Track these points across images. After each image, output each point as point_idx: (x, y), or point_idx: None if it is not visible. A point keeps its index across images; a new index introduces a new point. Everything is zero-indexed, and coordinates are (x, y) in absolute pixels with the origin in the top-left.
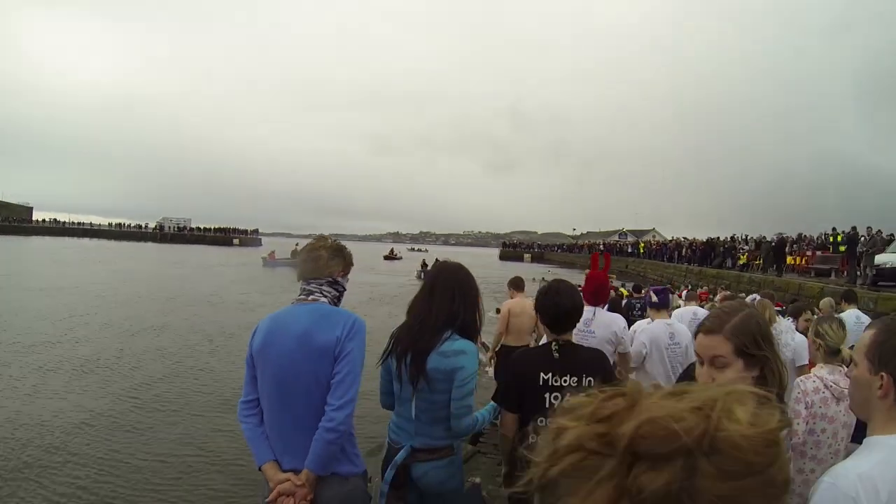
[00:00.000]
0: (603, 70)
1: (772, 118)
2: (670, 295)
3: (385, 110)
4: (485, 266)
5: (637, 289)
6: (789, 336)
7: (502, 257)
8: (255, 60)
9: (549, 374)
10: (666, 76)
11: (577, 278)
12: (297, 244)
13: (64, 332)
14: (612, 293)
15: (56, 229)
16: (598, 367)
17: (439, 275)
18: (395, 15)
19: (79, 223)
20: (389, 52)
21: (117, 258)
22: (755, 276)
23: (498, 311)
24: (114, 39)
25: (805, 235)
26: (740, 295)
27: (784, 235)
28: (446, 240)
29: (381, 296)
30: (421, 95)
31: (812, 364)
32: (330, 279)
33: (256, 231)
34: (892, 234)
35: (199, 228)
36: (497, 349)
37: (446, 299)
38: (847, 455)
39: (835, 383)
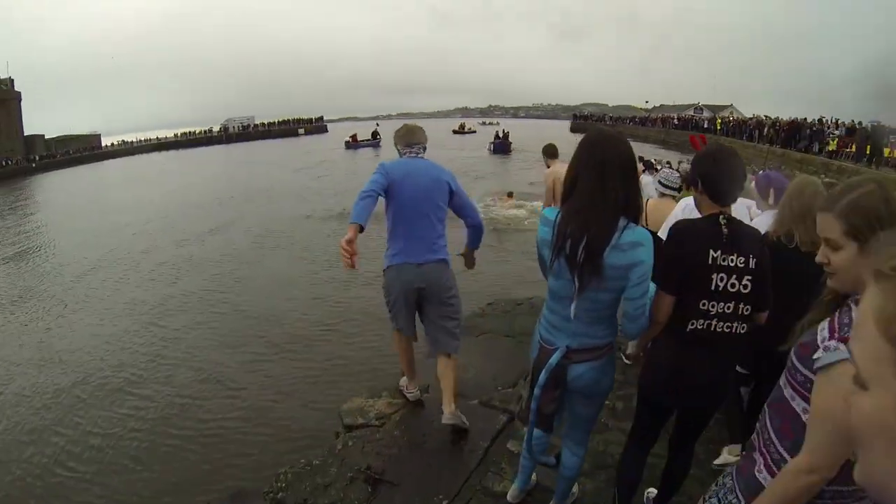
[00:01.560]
0: None
1: None
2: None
3: None
4: (555, 139)
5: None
6: None
7: (573, 130)
8: None
9: (718, 252)
10: None
11: (651, 152)
12: (377, 124)
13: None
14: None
15: (125, 150)
16: (760, 247)
17: (607, 149)
18: None
19: (146, 140)
20: None
21: (185, 166)
22: (846, 164)
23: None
24: None
25: None
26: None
27: (880, 123)
28: (515, 112)
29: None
30: None
31: None
32: (423, 145)
33: (321, 119)
34: None
35: (262, 124)
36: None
37: (618, 179)
38: None
39: None
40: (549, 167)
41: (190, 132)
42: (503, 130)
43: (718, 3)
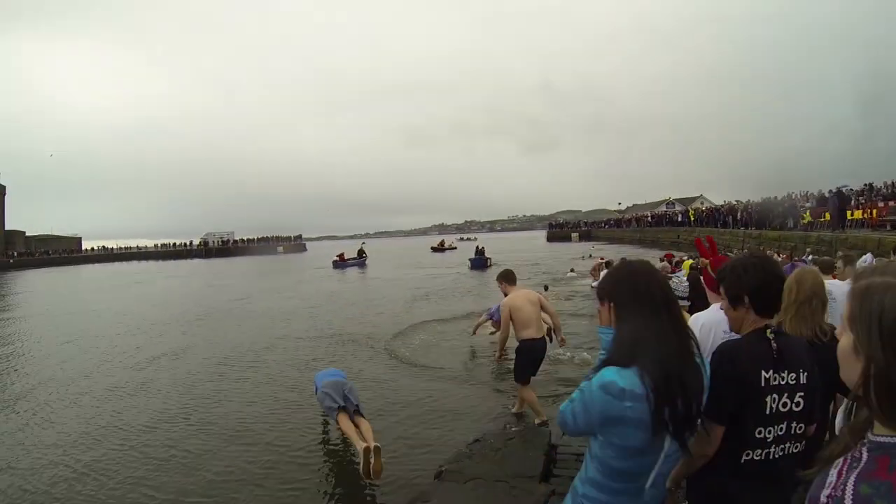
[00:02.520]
0: (634, 37)
1: (813, 72)
2: None
3: (415, 100)
4: (532, 250)
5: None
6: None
7: (549, 238)
8: (274, 63)
9: (770, 372)
10: (701, 40)
11: (625, 252)
12: (363, 243)
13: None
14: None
15: (105, 256)
16: (810, 358)
17: (653, 280)
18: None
19: (126, 247)
20: (412, 39)
21: (170, 278)
22: (824, 234)
23: (546, 288)
24: (131, 64)
25: (872, 185)
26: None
27: (844, 188)
28: (492, 226)
29: (433, 289)
30: (449, 81)
31: None
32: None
33: (300, 237)
34: None
35: (242, 240)
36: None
37: (677, 312)
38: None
39: None
40: (506, 294)
41: (170, 244)
42: (478, 246)
43: (676, 100)
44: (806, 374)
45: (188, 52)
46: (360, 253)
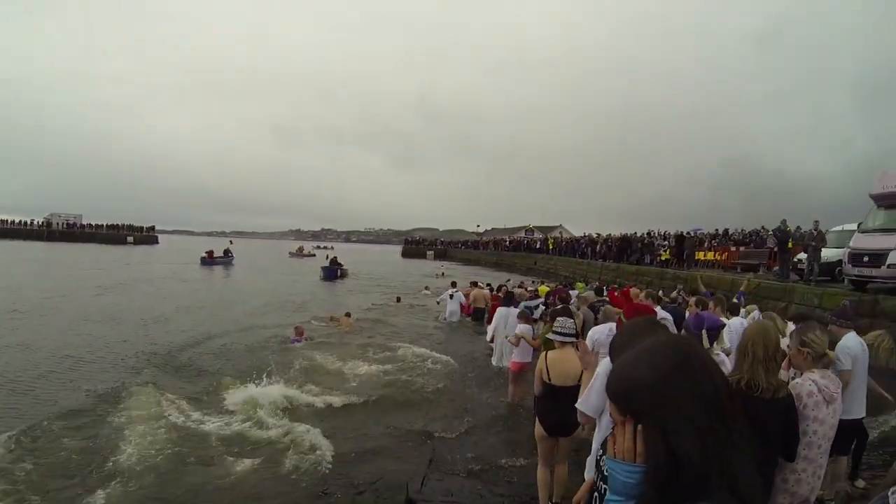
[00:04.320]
0: (513, 68)
1: (682, 120)
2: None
3: (290, 99)
4: (387, 264)
5: (599, 291)
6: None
7: (405, 255)
8: (153, 41)
9: None
10: (577, 76)
11: (482, 275)
12: (231, 241)
13: None
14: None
15: None
16: None
17: (706, 369)
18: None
19: None
20: (296, 36)
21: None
22: (679, 271)
23: (398, 300)
24: None
25: (727, 231)
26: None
27: (694, 232)
28: (347, 237)
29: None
30: (327, 84)
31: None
32: None
33: (153, 228)
34: (819, 231)
35: (90, 225)
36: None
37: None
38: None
39: (825, 387)
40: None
41: (7, 220)
42: (329, 256)
43: (545, 130)
44: None
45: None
46: (227, 252)
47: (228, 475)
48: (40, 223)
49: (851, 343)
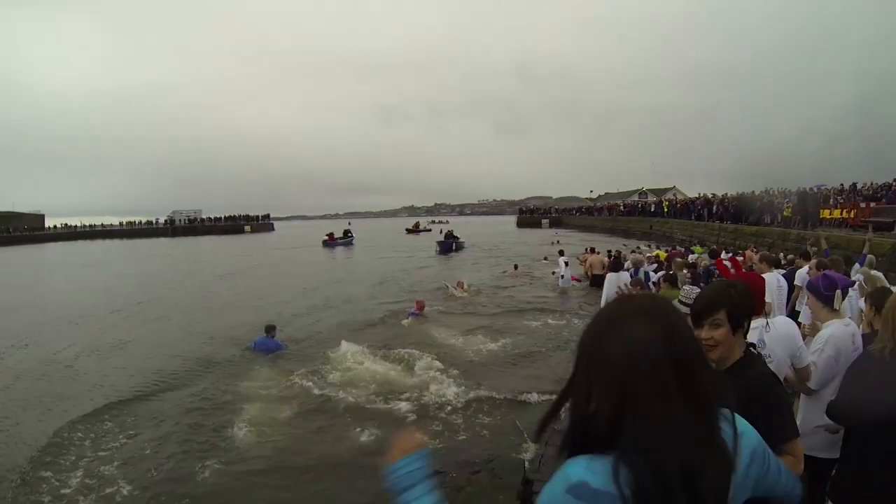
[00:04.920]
0: (614, 21)
1: (793, 68)
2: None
3: (389, 79)
4: (503, 234)
5: (714, 254)
6: None
7: (520, 224)
8: (249, 37)
9: None
10: (681, 28)
11: (596, 241)
12: (349, 223)
13: None
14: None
15: (68, 234)
16: None
17: (680, 332)
18: None
19: (90, 225)
20: (388, 17)
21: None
22: (805, 231)
23: (516, 267)
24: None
25: (855, 185)
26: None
27: (818, 188)
28: (461, 210)
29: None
30: (425, 60)
31: None
32: None
33: (268, 216)
34: None
35: (209, 219)
36: None
37: (706, 368)
38: None
39: None
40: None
41: (135, 221)
42: (444, 230)
43: (653, 91)
44: None
45: (156, 21)
46: (346, 233)
47: (348, 446)
48: (164, 221)
49: None
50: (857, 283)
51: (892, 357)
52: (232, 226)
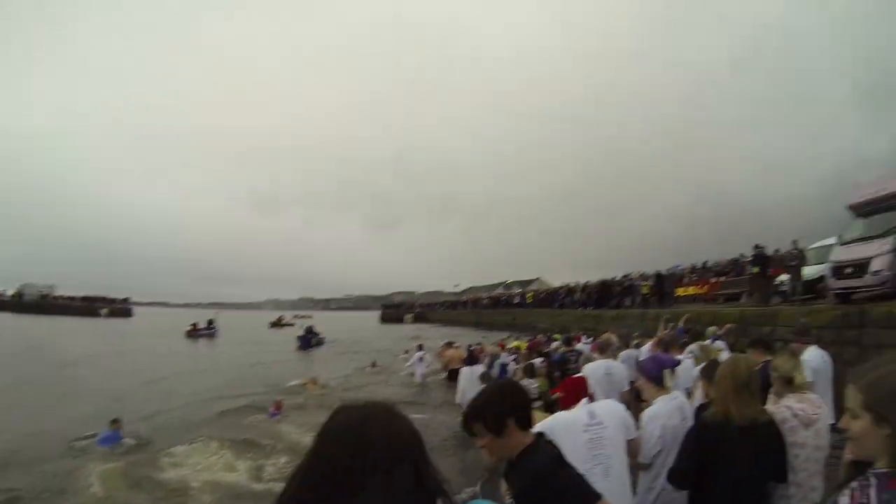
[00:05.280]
0: (485, 122)
1: (656, 160)
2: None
3: (267, 166)
4: (366, 329)
5: (568, 341)
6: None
7: (383, 319)
8: (126, 107)
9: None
10: (549, 122)
11: (459, 335)
12: (216, 313)
13: None
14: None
15: None
16: None
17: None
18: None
19: None
20: (270, 104)
21: None
22: (661, 310)
23: (374, 364)
24: None
25: (706, 263)
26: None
27: (673, 269)
28: (326, 305)
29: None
30: (299, 148)
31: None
32: None
33: (126, 300)
34: (799, 249)
35: (63, 297)
36: None
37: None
38: (825, 477)
39: (802, 411)
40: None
41: None
42: (305, 326)
43: (518, 187)
44: None
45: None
46: (210, 324)
47: None
48: (13, 294)
49: (811, 356)
50: (693, 355)
51: (724, 421)
52: (87, 307)
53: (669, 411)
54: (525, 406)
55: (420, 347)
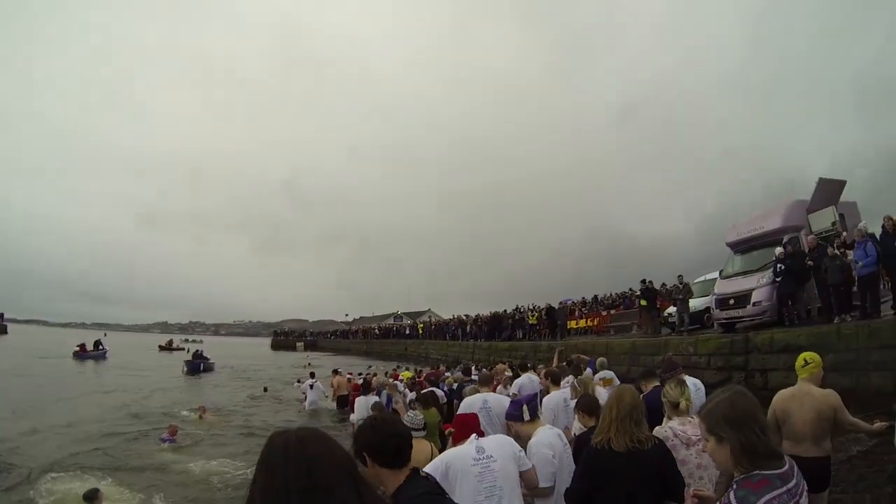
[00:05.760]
0: (385, 149)
1: (548, 198)
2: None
3: (154, 180)
4: (257, 356)
5: (467, 371)
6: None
7: (274, 347)
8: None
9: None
10: (446, 157)
11: (352, 364)
12: (105, 334)
13: None
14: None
15: None
16: None
17: (312, 445)
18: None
19: None
20: (160, 117)
21: None
22: (553, 342)
23: (265, 390)
24: None
25: (597, 297)
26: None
27: (564, 302)
28: (217, 330)
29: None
30: (192, 164)
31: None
32: None
33: (1, 316)
34: (685, 283)
35: None
36: None
37: (345, 481)
38: (715, 489)
39: (682, 432)
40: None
41: None
42: (193, 350)
43: (411, 217)
44: None
45: None
46: (98, 345)
47: None
48: None
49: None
50: (571, 384)
51: (608, 448)
52: None
53: (551, 438)
54: (382, 444)
55: (312, 375)
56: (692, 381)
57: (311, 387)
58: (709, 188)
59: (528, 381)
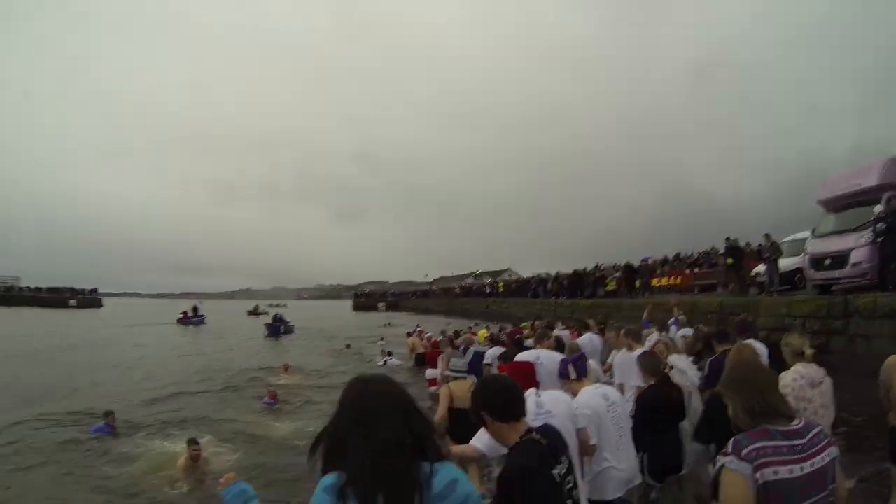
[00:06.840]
0: (455, 111)
1: (623, 156)
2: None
3: (233, 157)
4: (339, 318)
5: (550, 327)
6: None
7: (356, 308)
8: (93, 94)
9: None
10: (516, 118)
11: (432, 323)
12: (201, 302)
13: None
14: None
15: None
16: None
17: (373, 391)
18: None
19: None
20: (234, 95)
21: None
22: (637, 300)
23: (348, 346)
24: None
25: (679, 255)
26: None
27: (644, 261)
28: (299, 294)
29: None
30: (264, 140)
31: None
32: None
33: (95, 290)
34: (774, 242)
35: (28, 288)
36: None
37: (399, 419)
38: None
39: (807, 374)
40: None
41: None
42: (275, 315)
43: (485, 179)
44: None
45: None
46: (196, 310)
47: None
48: None
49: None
50: (659, 342)
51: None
52: (56, 298)
53: (590, 398)
54: (501, 400)
55: (389, 353)
56: (759, 345)
57: (385, 363)
58: (790, 147)
59: (589, 340)
